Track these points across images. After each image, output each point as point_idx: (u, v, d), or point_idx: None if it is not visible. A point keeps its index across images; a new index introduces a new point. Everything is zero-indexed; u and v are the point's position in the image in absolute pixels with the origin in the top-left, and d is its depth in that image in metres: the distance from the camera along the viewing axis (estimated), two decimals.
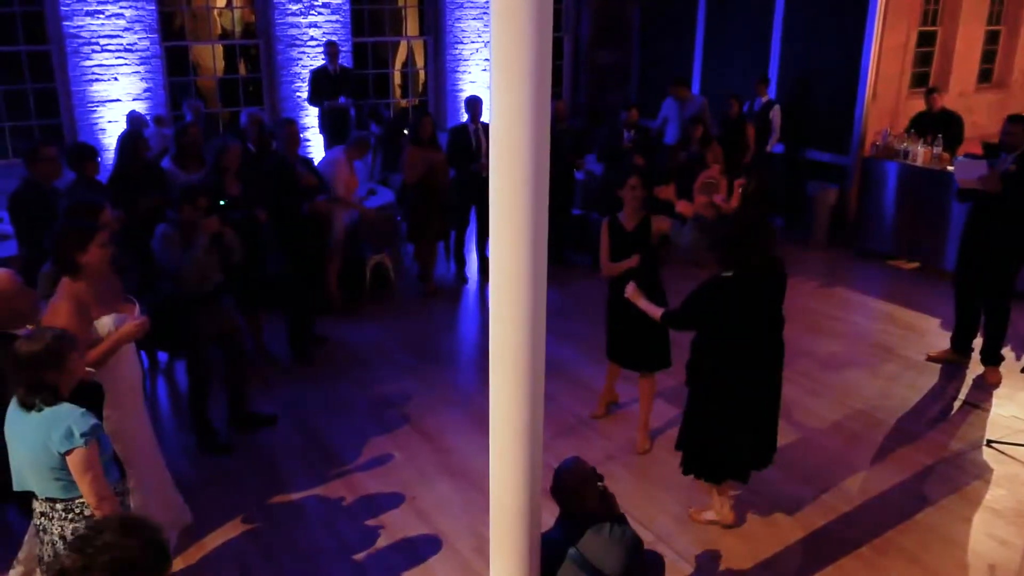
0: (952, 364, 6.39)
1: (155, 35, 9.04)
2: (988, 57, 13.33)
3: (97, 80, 8.81)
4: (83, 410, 2.94)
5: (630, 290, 4.41)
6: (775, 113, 9.30)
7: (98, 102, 8.86)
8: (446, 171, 7.67)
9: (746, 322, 3.95)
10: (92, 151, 5.65)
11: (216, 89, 10.08)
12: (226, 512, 4.60)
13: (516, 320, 2.66)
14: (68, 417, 2.89)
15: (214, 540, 4.38)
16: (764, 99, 9.40)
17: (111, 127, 8.82)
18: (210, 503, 4.63)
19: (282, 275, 6.20)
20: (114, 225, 4.54)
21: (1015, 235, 5.84)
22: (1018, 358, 6.39)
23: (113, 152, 6.77)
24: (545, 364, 2.79)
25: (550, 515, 3.17)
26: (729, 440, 4.12)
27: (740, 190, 4.76)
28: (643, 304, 4.34)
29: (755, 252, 3.91)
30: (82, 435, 2.87)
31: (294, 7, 9.81)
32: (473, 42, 11.30)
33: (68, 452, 2.87)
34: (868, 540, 4.40)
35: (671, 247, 5.11)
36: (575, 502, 3.14)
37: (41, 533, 3.09)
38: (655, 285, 4.99)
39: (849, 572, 4.18)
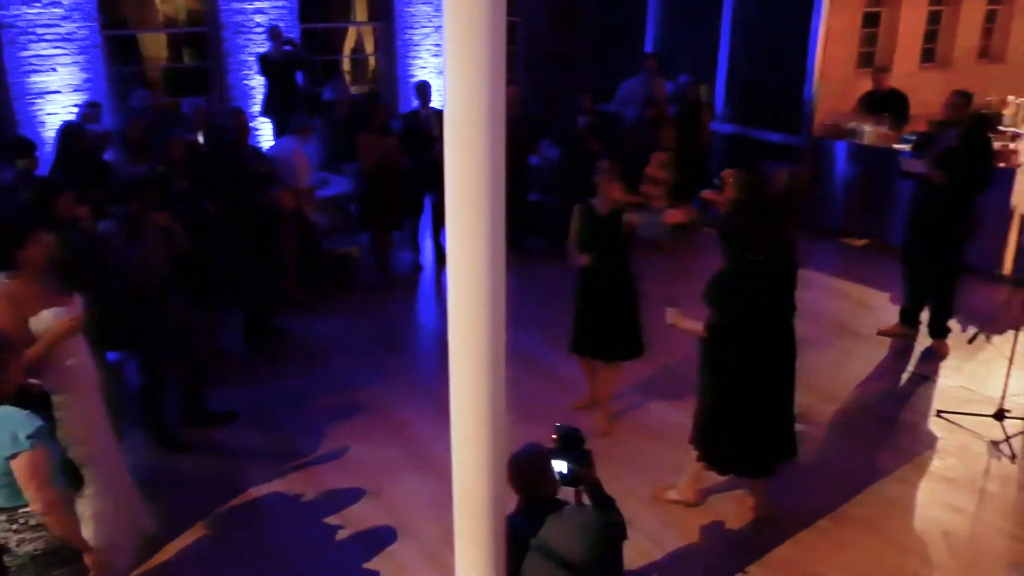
0: (902, 338, 6.54)
1: (95, 23, 8.76)
2: (930, 37, 13.60)
3: (35, 71, 8.51)
4: (27, 412, 2.86)
5: (671, 315, 4.21)
6: (699, 92, 9.37)
7: (37, 94, 8.57)
8: (400, 158, 7.59)
9: (759, 309, 3.95)
10: (29, 144, 5.47)
11: (161, 78, 9.83)
12: (187, 513, 4.52)
13: (475, 307, 2.63)
14: (11, 420, 2.80)
15: (176, 543, 4.30)
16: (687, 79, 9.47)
17: (51, 119, 8.56)
18: (170, 505, 4.53)
19: (235, 268, 6.09)
20: (70, 211, 4.40)
21: (959, 211, 5.98)
22: (964, 330, 6.55)
23: (52, 145, 6.57)
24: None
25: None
26: (744, 430, 4.12)
27: (732, 180, 4.73)
28: (687, 325, 4.14)
29: (758, 239, 3.90)
30: (28, 437, 2.78)
31: None
32: (424, 27, 11.17)
33: (13, 456, 2.78)
34: (828, 512, 4.50)
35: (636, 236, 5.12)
36: (533, 490, 3.13)
37: None
38: (626, 273, 5.03)
39: (811, 544, 4.27)
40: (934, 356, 6.28)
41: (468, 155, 2.49)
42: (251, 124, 7.73)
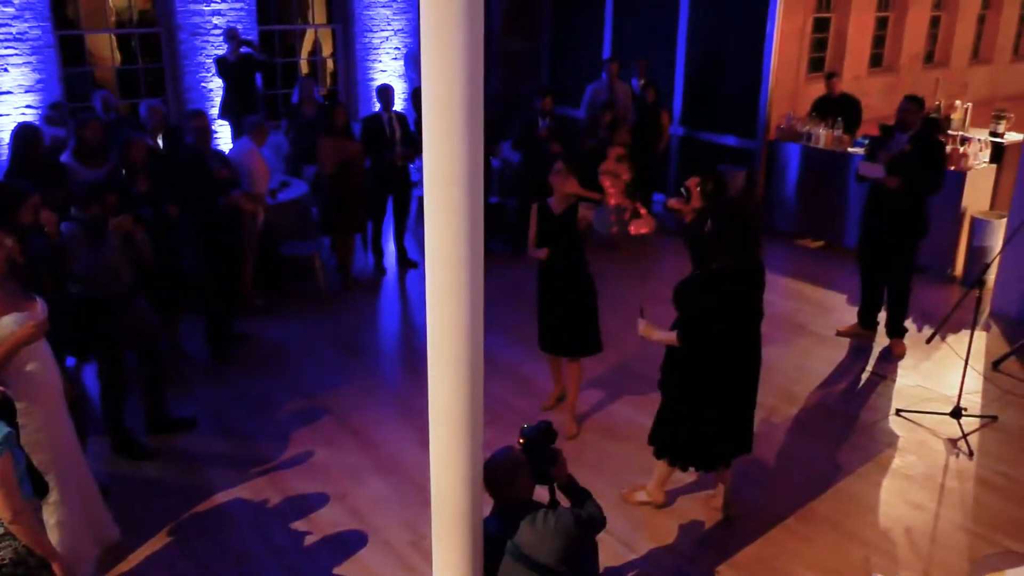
0: (860, 338, 6.68)
1: (47, 23, 8.55)
2: (878, 42, 13.96)
3: None
4: None
5: (642, 328, 4.18)
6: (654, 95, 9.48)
7: None
8: (362, 161, 7.53)
9: (730, 315, 3.98)
10: None
11: (115, 80, 9.63)
12: (150, 522, 4.43)
13: (454, 310, 2.63)
14: None
15: (140, 552, 4.21)
16: (642, 81, 9.56)
17: (3, 120, 8.33)
18: (133, 513, 4.44)
19: (197, 272, 5.99)
20: (34, 216, 4.26)
21: (912, 214, 6.13)
22: (920, 330, 6.73)
23: (7, 148, 6.39)
24: None
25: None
26: (706, 430, 4.16)
27: (698, 190, 4.76)
28: (659, 336, 4.13)
29: (727, 248, 3.92)
30: None
31: None
32: (383, 30, 11.11)
33: None
34: (792, 511, 4.57)
35: (592, 232, 5.19)
36: (508, 493, 3.14)
37: None
38: (581, 269, 5.08)
39: (778, 542, 4.33)
40: (892, 356, 6.42)
41: (446, 160, 2.48)
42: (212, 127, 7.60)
